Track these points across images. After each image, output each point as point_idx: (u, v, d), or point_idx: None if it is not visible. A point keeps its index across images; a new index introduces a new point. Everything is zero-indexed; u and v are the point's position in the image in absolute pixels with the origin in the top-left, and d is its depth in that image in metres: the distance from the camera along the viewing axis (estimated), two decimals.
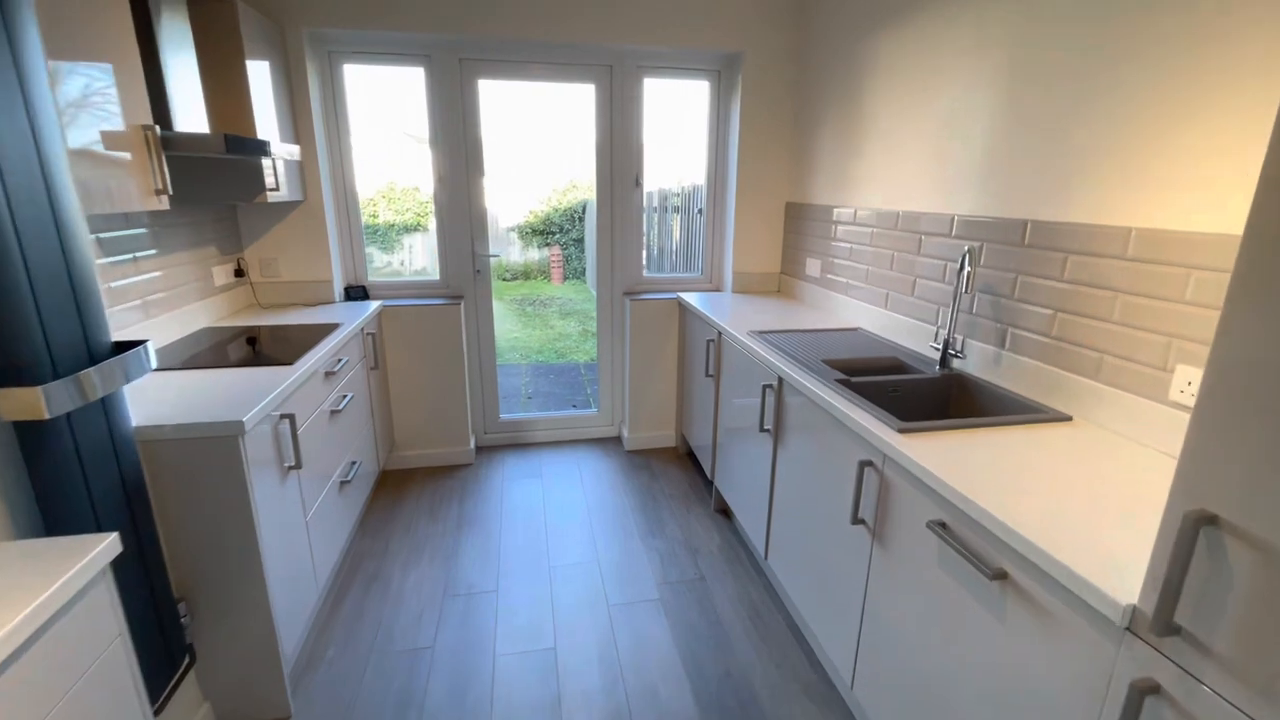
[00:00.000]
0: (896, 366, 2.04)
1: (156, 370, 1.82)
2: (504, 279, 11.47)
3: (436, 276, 3.19)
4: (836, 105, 2.65)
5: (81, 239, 1.16)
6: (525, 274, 11.99)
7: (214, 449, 1.47)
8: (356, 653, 1.96)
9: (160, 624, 1.37)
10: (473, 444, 3.29)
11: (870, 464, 1.50)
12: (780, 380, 1.99)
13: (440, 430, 3.16)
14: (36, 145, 1.07)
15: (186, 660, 1.56)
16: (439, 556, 2.46)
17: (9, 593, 0.86)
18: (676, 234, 3.96)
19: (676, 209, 3.90)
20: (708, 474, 2.91)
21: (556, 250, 11.31)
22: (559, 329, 7.83)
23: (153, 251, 2.12)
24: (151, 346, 1.30)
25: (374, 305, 2.84)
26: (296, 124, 2.65)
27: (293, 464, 1.80)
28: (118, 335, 1.91)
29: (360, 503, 2.53)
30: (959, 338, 1.94)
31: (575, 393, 5.15)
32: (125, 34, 1.53)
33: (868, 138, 2.42)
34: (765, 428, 2.10)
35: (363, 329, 2.61)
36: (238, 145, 1.84)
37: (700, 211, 3.43)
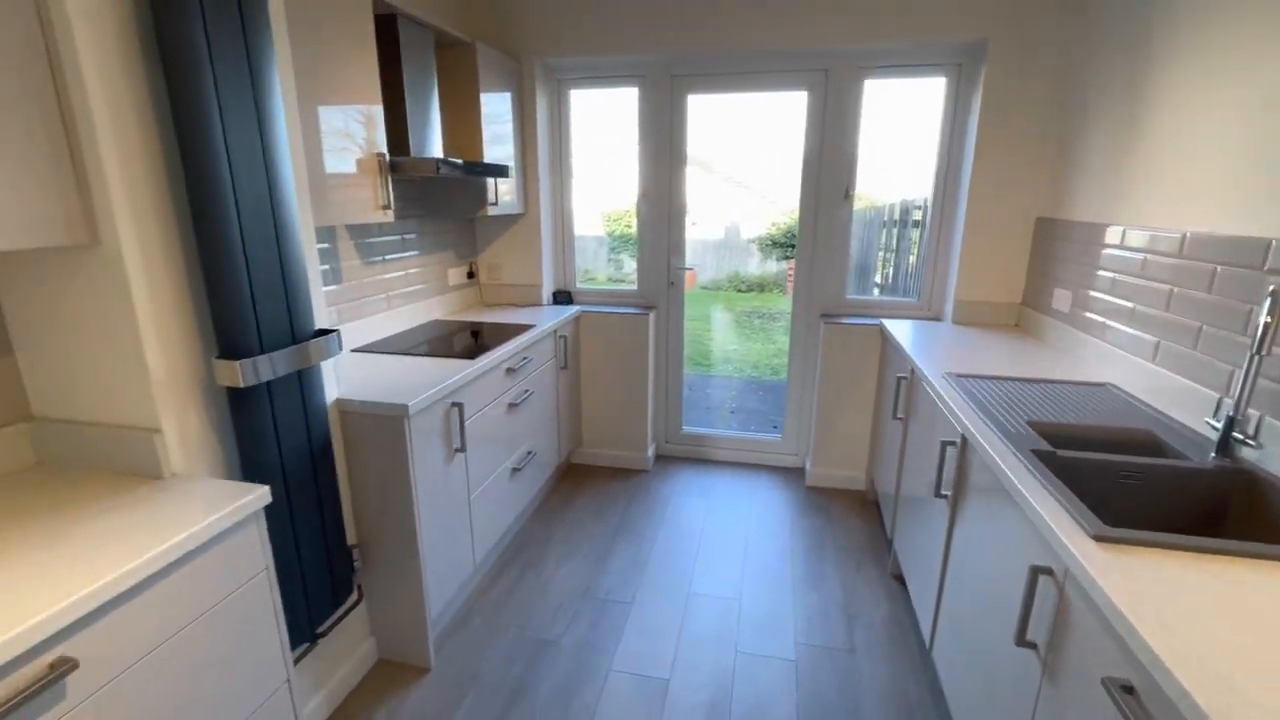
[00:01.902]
0: (1147, 443, 1.50)
1: (385, 354, 2.20)
2: (739, 290, 11.54)
3: (636, 287, 3.31)
4: (1112, 96, 2.05)
5: (297, 245, 1.46)
6: (761, 286, 11.90)
7: (386, 426, 1.72)
8: (495, 629, 2.14)
9: (330, 562, 1.66)
10: (651, 452, 3.35)
11: (1047, 572, 1.11)
12: (964, 440, 1.61)
13: (622, 434, 3.28)
14: (269, 172, 1.36)
15: (356, 597, 1.86)
16: (591, 556, 2.55)
17: (186, 514, 1.11)
18: (888, 252, 3.51)
19: (893, 224, 3.45)
20: (887, 531, 2.51)
21: (794, 264, 10.99)
22: (780, 345, 7.58)
23: (404, 254, 2.59)
24: (339, 336, 1.57)
25: (573, 310, 3.07)
26: (524, 145, 2.99)
27: (459, 446, 2.02)
28: (363, 321, 2.37)
29: (535, 490, 2.76)
30: (1255, 415, 1.34)
31: (781, 414, 4.92)
32: (372, 81, 1.88)
33: (1149, 137, 1.83)
34: (942, 492, 1.72)
35: (556, 331, 2.84)
36: (457, 167, 2.14)
37: (915, 225, 2.97)
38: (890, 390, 2.55)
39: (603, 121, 3.22)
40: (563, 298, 3.27)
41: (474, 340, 2.41)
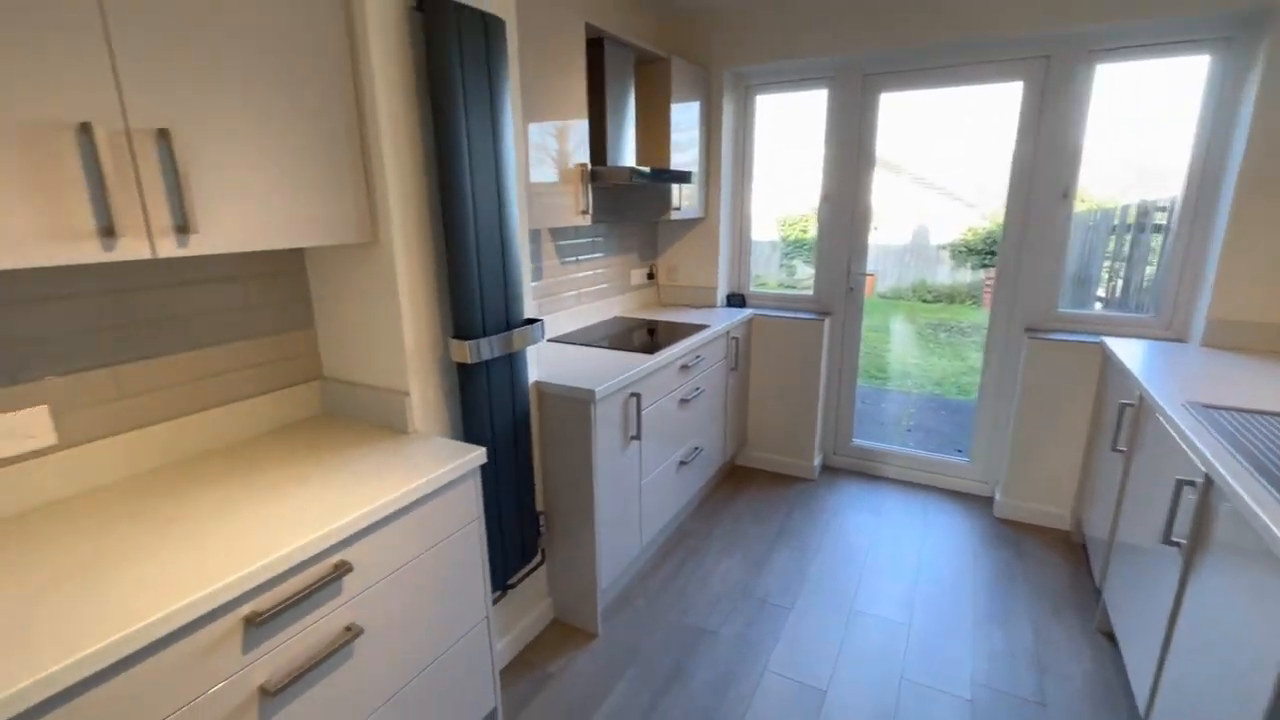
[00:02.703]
0: None
1: (574, 344, 2.44)
2: (923, 300, 10.64)
3: (811, 292, 3.26)
4: None
5: (516, 246, 1.69)
6: (950, 297, 10.85)
7: (575, 408, 1.91)
8: (656, 610, 2.25)
9: (522, 523, 1.88)
10: (818, 461, 3.27)
11: None
12: (1208, 480, 1.37)
13: (788, 440, 3.24)
14: (498, 182, 1.60)
15: (539, 559, 2.09)
16: (751, 556, 2.57)
17: (425, 463, 1.36)
18: (1117, 261, 3.02)
19: (1124, 228, 2.97)
20: (1096, 579, 2.19)
21: (993, 273, 9.86)
22: (971, 362, 6.89)
23: (593, 255, 2.83)
24: (544, 325, 1.78)
25: (746, 313, 3.11)
26: (708, 151, 3.09)
27: (635, 434, 2.17)
28: (557, 314, 2.63)
29: (698, 485, 2.84)
30: None
31: (965, 437, 4.48)
32: (580, 100, 2.10)
33: None
34: (1173, 539, 1.48)
35: (728, 332, 2.90)
36: (645, 175, 2.30)
37: (1156, 229, 2.53)
38: (1110, 418, 2.22)
39: (785, 125, 3.21)
40: (736, 300, 3.32)
41: (650, 337, 2.56)
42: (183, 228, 1.07)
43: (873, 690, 1.87)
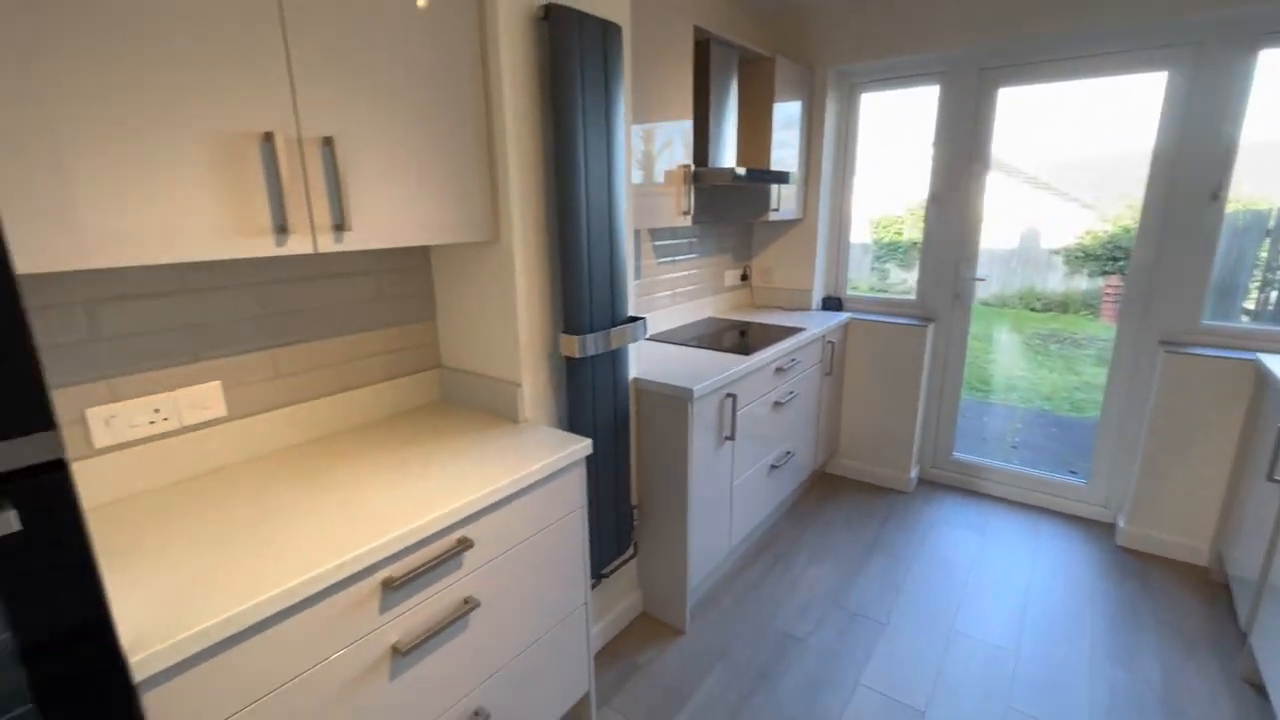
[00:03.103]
0: None
1: (668, 343, 2.47)
2: (1031, 308, 9.91)
3: (914, 296, 3.12)
4: None
5: (622, 245, 1.74)
6: (1064, 306, 10.04)
7: (672, 405, 1.94)
8: (744, 612, 2.24)
9: (617, 515, 1.93)
10: (914, 474, 3.13)
11: None
12: None
13: (883, 450, 3.13)
14: (609, 183, 1.65)
15: (631, 551, 2.13)
16: (842, 565, 2.50)
17: (537, 450, 1.42)
18: (1272, 270, 2.68)
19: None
20: (1241, 622, 1.97)
21: (1115, 281, 9.03)
22: (1086, 377, 6.34)
23: (691, 256, 2.86)
24: (646, 323, 1.82)
25: (842, 316, 3.03)
26: (808, 151, 3.04)
27: (729, 435, 2.17)
28: (653, 313, 2.68)
29: (788, 490, 2.80)
30: None
31: (1079, 457, 4.15)
32: (686, 101, 2.12)
33: None
34: None
35: (824, 336, 2.84)
36: (746, 176, 2.29)
37: None
38: (1266, 445, 1.99)
39: (889, 123, 3.09)
40: (832, 304, 3.24)
41: (741, 338, 2.55)
42: (339, 226, 1.19)
43: (976, 715, 1.78)
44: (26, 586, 0.71)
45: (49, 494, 0.71)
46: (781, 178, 2.57)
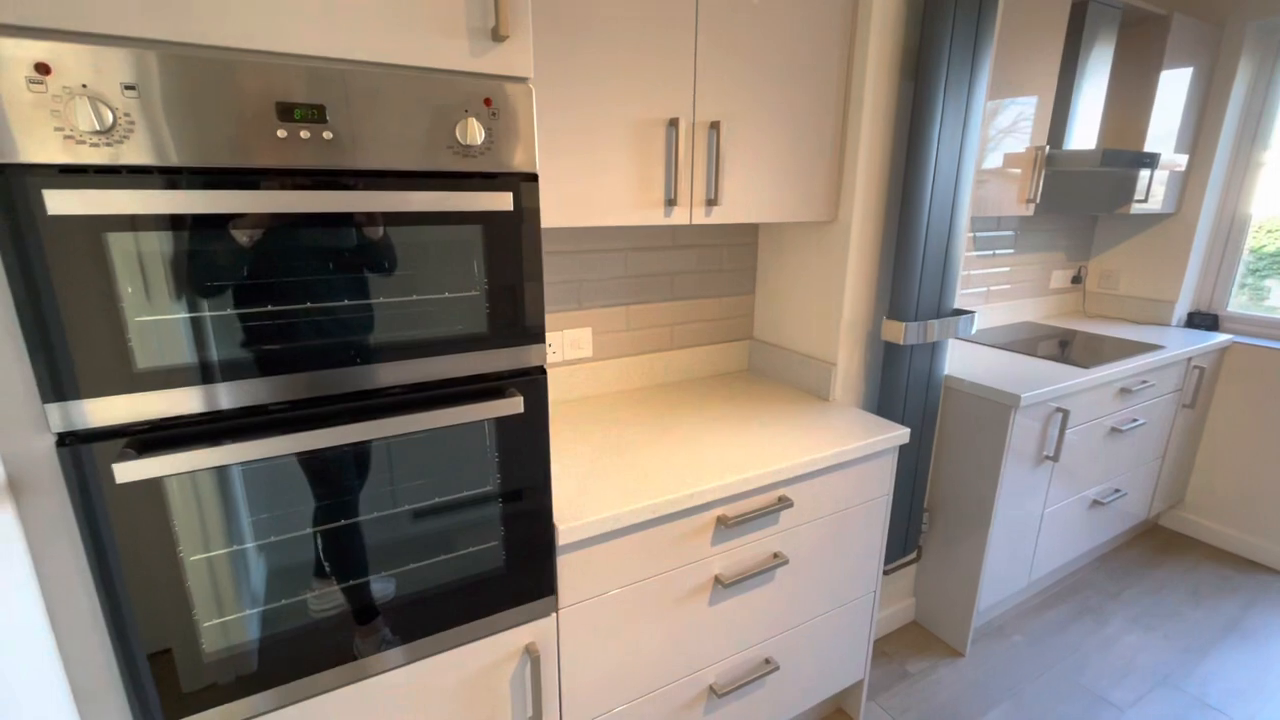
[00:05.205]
0: None
1: (979, 344, 2.26)
2: None
3: None
4: None
5: (961, 232, 1.63)
6: None
7: (989, 411, 1.78)
8: (1041, 655, 1.98)
9: (909, 514, 1.86)
10: None
11: None
12: None
13: (1254, 512, 2.44)
14: (958, 165, 1.56)
15: (915, 555, 2.03)
16: (1180, 641, 2.05)
17: (852, 429, 1.44)
18: None
19: None
20: None
21: None
22: None
23: (1009, 251, 2.55)
24: (975, 317, 1.69)
25: (1219, 338, 2.42)
26: (1199, 132, 2.45)
27: (1050, 455, 1.91)
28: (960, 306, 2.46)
29: (1108, 534, 2.36)
30: None
31: None
32: (1050, 72, 1.88)
33: None
34: None
35: (1190, 360, 2.30)
36: (1113, 159, 1.96)
37: None
38: None
39: None
40: (1204, 321, 2.60)
41: (1060, 349, 2.19)
42: (711, 201, 1.34)
43: None
44: (515, 451, 0.98)
45: (538, 389, 0.96)
46: (1151, 161, 2.13)
